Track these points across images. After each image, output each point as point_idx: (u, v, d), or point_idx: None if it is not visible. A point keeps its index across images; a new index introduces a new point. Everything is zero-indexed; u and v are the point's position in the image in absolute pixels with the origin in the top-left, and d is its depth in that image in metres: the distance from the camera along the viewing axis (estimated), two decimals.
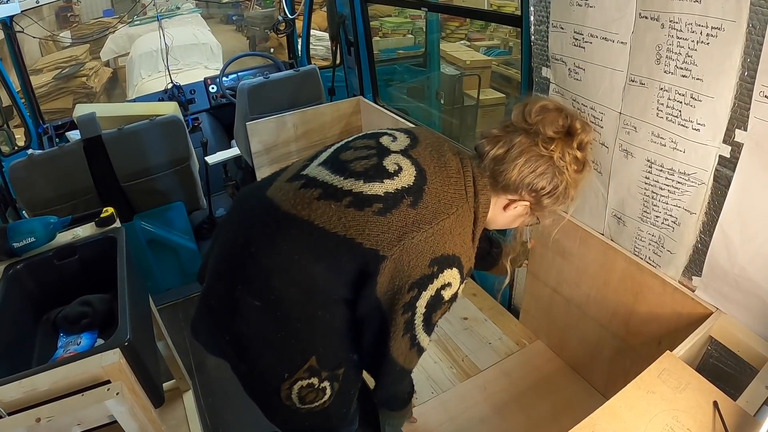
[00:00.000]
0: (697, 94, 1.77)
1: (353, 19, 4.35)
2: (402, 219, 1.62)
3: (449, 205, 1.69)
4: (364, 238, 1.61)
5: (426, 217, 1.64)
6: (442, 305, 1.72)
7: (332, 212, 1.65)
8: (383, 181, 1.67)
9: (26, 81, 4.94)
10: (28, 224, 2.69)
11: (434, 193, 1.69)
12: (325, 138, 4.29)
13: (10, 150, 4.60)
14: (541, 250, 2.77)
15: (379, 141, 1.82)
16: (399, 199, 1.64)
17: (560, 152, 1.74)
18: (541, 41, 2.41)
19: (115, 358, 1.94)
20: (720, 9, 1.62)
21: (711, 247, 1.93)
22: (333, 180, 1.71)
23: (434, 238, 1.63)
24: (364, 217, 1.62)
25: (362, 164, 1.72)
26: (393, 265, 1.61)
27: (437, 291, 1.66)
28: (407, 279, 1.62)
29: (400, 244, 1.60)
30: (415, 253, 1.61)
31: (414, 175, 1.69)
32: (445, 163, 1.77)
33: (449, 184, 1.73)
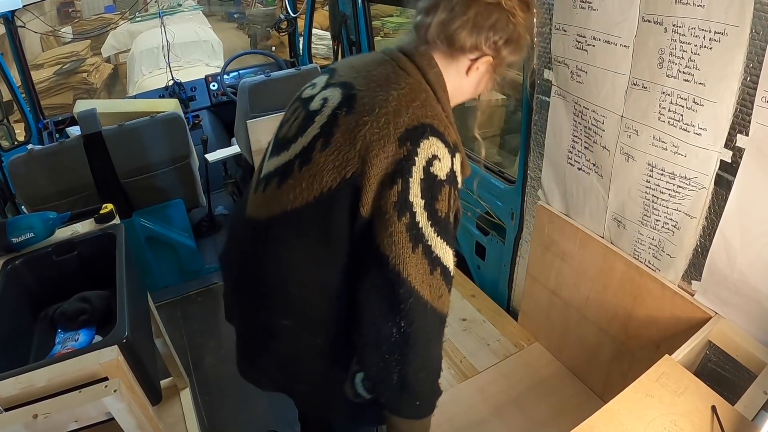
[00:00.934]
0: (699, 98, 1.78)
1: (355, 19, 4.35)
2: (345, 131, 1.47)
3: (387, 87, 1.51)
4: (325, 182, 1.48)
5: (367, 110, 1.47)
6: (441, 188, 1.46)
7: (294, 186, 1.54)
8: (314, 120, 1.56)
9: (27, 76, 4.93)
10: (27, 220, 2.69)
11: (367, 90, 1.53)
12: None
13: (9, 145, 4.59)
14: (540, 252, 2.77)
15: (302, 96, 1.72)
16: (334, 119, 1.51)
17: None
18: (543, 43, 2.41)
19: (113, 355, 1.94)
20: (723, 14, 1.63)
21: (711, 252, 1.93)
22: (281, 160, 1.62)
23: (387, 118, 1.45)
24: (314, 163, 1.50)
25: (295, 126, 1.63)
26: (366, 177, 1.43)
27: (425, 170, 1.43)
28: (384, 173, 1.42)
29: (357, 152, 1.44)
30: (377, 146, 1.42)
31: (340, 92, 1.57)
32: (370, 62, 1.64)
33: (380, 75, 1.56)
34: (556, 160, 2.56)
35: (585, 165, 2.38)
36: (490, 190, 3.23)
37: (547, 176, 2.65)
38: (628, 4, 1.93)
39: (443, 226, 1.49)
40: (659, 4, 1.82)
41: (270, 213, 1.62)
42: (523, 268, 3.00)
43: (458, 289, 3.38)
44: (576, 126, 2.36)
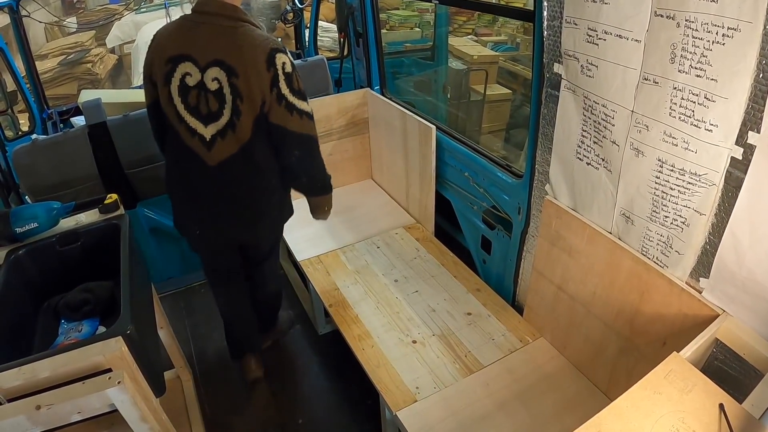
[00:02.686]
0: (711, 94, 1.77)
1: (362, 11, 4.33)
2: (244, 90, 2.51)
3: (236, 44, 2.50)
4: (248, 126, 2.60)
5: (241, 70, 2.48)
6: (293, 77, 2.55)
7: (234, 136, 2.63)
8: (224, 94, 2.55)
9: (31, 66, 4.91)
10: (30, 209, 2.68)
11: (230, 56, 2.49)
12: (332, 129, 4.30)
13: (14, 135, 4.59)
14: (547, 247, 2.76)
15: (189, 84, 2.58)
16: (235, 88, 2.52)
17: None
18: (553, 37, 2.40)
19: (117, 346, 1.94)
20: (737, 9, 1.61)
21: (719, 249, 1.92)
22: (218, 126, 2.62)
23: (255, 64, 2.47)
24: (240, 123, 2.59)
25: (212, 102, 2.58)
26: (264, 100, 2.53)
27: (283, 73, 2.51)
28: (269, 90, 2.50)
29: (258, 93, 2.51)
30: (262, 82, 2.49)
31: (219, 69, 2.51)
32: (207, 36, 2.54)
33: (222, 39, 2.52)
34: (564, 155, 2.55)
35: (594, 160, 2.37)
36: (497, 184, 3.23)
37: (555, 171, 2.64)
38: None
39: (300, 93, 2.59)
40: None
41: (221, 158, 2.67)
42: (529, 263, 3.00)
43: (463, 284, 3.38)
44: (585, 120, 2.35)
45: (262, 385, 3.58)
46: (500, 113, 6.54)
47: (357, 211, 4.26)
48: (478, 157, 3.39)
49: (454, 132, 3.75)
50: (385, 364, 2.87)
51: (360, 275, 3.54)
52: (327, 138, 4.32)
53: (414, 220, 4.09)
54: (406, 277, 3.50)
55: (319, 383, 3.63)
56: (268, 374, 3.64)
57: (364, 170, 4.68)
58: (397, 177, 4.22)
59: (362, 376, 2.89)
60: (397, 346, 2.98)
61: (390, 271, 3.57)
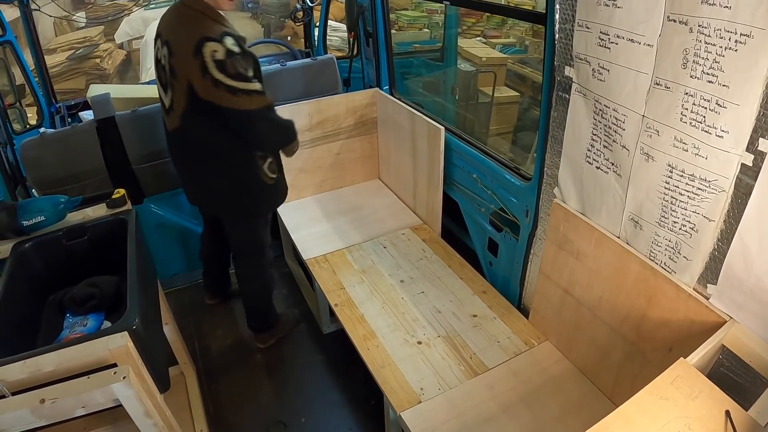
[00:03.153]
0: (723, 100, 1.76)
1: (373, 10, 4.33)
2: (177, 69, 2.83)
3: (179, 27, 2.85)
4: (183, 99, 2.87)
5: (175, 50, 2.82)
6: (224, 63, 2.67)
7: (177, 108, 2.95)
8: (167, 70, 2.91)
9: (40, 60, 4.93)
10: (38, 203, 2.70)
11: (172, 37, 2.86)
12: (340, 128, 4.30)
13: (21, 128, 4.60)
14: (554, 250, 2.76)
15: (158, 56, 2.99)
16: (171, 67, 2.85)
17: None
18: (565, 40, 2.39)
19: (123, 341, 1.94)
20: (750, 16, 1.61)
21: (728, 256, 1.92)
22: (170, 96, 2.97)
23: (184, 47, 2.74)
24: (176, 94, 2.91)
25: (164, 76, 2.95)
26: (194, 84, 2.76)
27: (212, 60, 2.66)
28: (200, 76, 2.70)
29: (185, 75, 2.79)
30: (190, 67, 2.72)
31: (165, 47, 2.89)
32: (170, 18, 2.95)
33: (175, 22, 2.90)
34: (574, 158, 2.54)
35: (603, 164, 2.37)
36: (505, 186, 3.22)
37: (564, 174, 2.64)
38: (653, 3, 1.91)
39: (237, 76, 2.72)
40: (685, 4, 1.80)
41: (172, 127, 3.06)
42: (536, 266, 2.99)
43: (469, 285, 3.38)
44: (596, 124, 2.35)
45: (266, 383, 3.59)
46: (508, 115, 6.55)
47: (364, 211, 4.26)
48: (487, 159, 3.39)
49: (462, 133, 3.75)
50: (390, 365, 2.87)
51: (366, 275, 3.55)
52: (335, 137, 4.33)
53: (421, 221, 4.08)
54: (412, 278, 3.49)
55: (323, 382, 3.63)
56: (272, 372, 3.65)
57: (371, 170, 4.67)
58: (405, 177, 4.22)
59: (366, 376, 2.89)
60: (402, 347, 2.98)
61: (396, 271, 3.57)
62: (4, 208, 2.64)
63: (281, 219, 4.21)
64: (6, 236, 2.63)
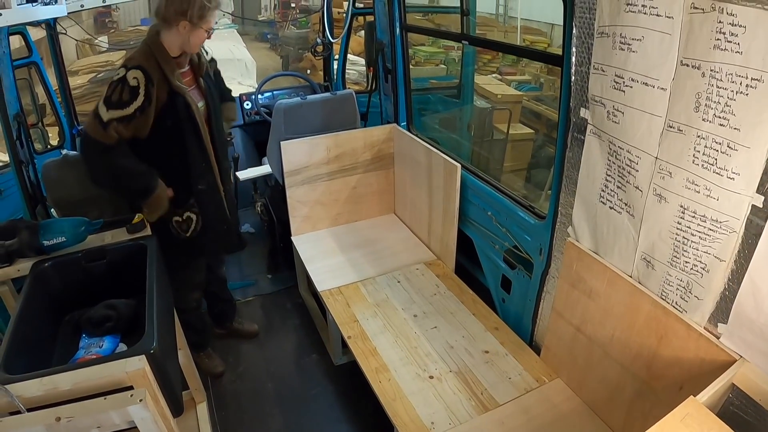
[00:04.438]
0: (734, 143, 1.80)
1: (392, 47, 4.40)
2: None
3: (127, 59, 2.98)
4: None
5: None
6: (113, 87, 2.83)
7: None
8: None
9: (64, 82, 5.03)
10: (59, 224, 2.77)
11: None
12: (357, 162, 4.36)
13: (42, 148, 4.68)
14: (567, 288, 2.78)
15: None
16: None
17: None
18: (581, 82, 2.45)
19: (140, 364, 1.98)
20: (761, 60, 1.66)
21: (738, 295, 1.94)
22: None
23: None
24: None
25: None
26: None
27: (110, 83, 2.86)
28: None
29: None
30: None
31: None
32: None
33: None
34: (588, 198, 2.58)
35: (617, 204, 2.40)
36: (520, 224, 3.26)
37: (578, 213, 2.67)
38: (667, 48, 1.96)
39: (106, 100, 2.83)
40: (698, 49, 1.85)
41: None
42: (549, 304, 3.01)
43: (482, 321, 3.39)
44: (610, 165, 2.39)
45: (276, 412, 3.61)
46: (522, 152, 6.59)
47: (379, 245, 4.29)
48: (502, 197, 3.43)
49: (478, 171, 3.79)
50: (402, 398, 2.88)
51: (379, 308, 3.57)
52: (352, 171, 4.39)
53: (435, 257, 4.11)
54: (425, 313, 3.51)
55: (334, 413, 3.63)
56: (283, 401, 3.68)
57: (387, 205, 4.71)
58: (420, 213, 4.26)
59: (377, 408, 2.91)
60: (414, 381, 2.99)
61: (409, 305, 3.59)
62: (26, 227, 2.70)
63: (296, 250, 4.25)
64: (26, 254, 2.69)
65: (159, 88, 2.91)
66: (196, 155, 3.15)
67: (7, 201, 4.07)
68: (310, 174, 4.24)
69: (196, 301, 3.69)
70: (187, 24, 2.91)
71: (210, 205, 3.32)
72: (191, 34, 2.96)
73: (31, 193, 3.80)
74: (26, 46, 4.52)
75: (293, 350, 4.16)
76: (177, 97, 2.98)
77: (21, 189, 3.73)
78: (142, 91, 2.83)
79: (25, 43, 4.51)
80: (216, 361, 3.91)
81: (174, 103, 2.98)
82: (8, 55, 3.74)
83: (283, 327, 4.39)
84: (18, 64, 4.25)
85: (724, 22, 1.74)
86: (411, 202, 4.40)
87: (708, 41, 1.81)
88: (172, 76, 2.95)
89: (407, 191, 4.43)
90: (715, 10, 1.76)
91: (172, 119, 3.00)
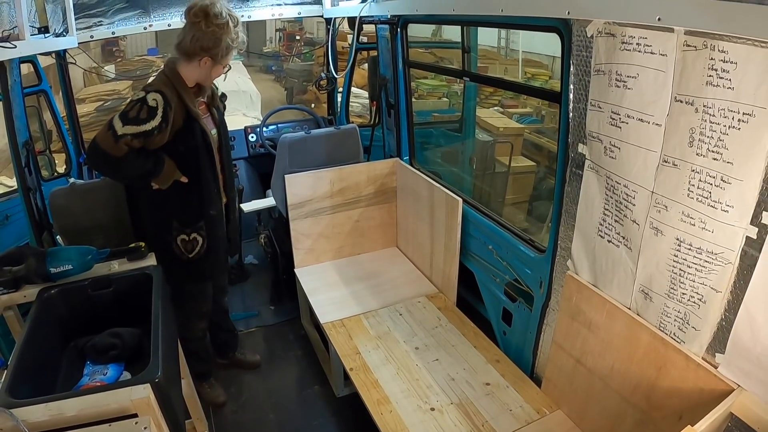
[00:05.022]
0: (727, 176, 1.85)
1: (395, 82, 4.47)
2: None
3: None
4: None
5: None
6: (130, 105, 2.93)
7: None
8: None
9: (73, 110, 5.11)
10: (66, 252, 2.81)
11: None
12: (360, 196, 4.41)
13: (49, 175, 4.72)
14: (567, 321, 2.81)
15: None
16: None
17: (203, 24, 2.96)
18: (578, 118, 2.51)
19: (146, 393, 2.01)
20: (752, 95, 1.72)
21: (735, 325, 1.97)
22: None
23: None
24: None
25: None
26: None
27: (130, 101, 2.98)
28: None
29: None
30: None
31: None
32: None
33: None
34: (586, 232, 2.63)
35: (615, 237, 2.44)
36: (520, 258, 3.30)
37: (577, 247, 2.72)
38: (661, 85, 2.02)
39: (121, 114, 2.91)
40: (691, 86, 1.91)
41: None
42: (549, 336, 3.04)
43: (483, 354, 3.41)
44: (608, 199, 2.43)
45: None
46: (524, 185, 6.62)
47: (381, 278, 4.32)
48: (503, 230, 3.48)
49: (479, 205, 3.84)
50: (403, 430, 2.89)
51: (381, 341, 3.58)
52: (355, 204, 4.44)
53: (437, 290, 4.13)
54: (426, 345, 3.53)
55: None
56: None
57: (390, 238, 4.75)
58: (422, 246, 4.29)
59: None
60: (416, 413, 3.00)
61: (411, 338, 3.61)
62: (33, 254, 2.74)
63: (299, 282, 4.28)
64: (33, 281, 2.72)
65: (176, 112, 3.02)
66: (209, 180, 3.23)
67: (13, 226, 4.13)
68: (314, 207, 4.29)
69: (202, 331, 3.73)
70: (209, 60, 3.05)
71: (218, 231, 3.39)
72: (212, 69, 3.11)
73: (38, 219, 3.84)
74: (36, 74, 4.59)
75: (295, 381, 4.16)
76: (194, 123, 3.10)
77: (28, 215, 3.78)
78: (160, 113, 2.94)
79: (35, 71, 4.59)
80: (218, 391, 3.91)
81: (191, 129, 3.11)
82: (19, 84, 3.80)
83: (286, 358, 4.39)
84: (28, 91, 4.33)
85: (716, 59, 1.80)
86: (413, 235, 4.44)
87: (701, 77, 1.87)
88: (190, 103, 3.08)
89: (409, 225, 4.47)
90: (707, 47, 1.82)
91: (187, 144, 3.11)
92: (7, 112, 3.64)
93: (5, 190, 6.14)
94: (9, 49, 2.99)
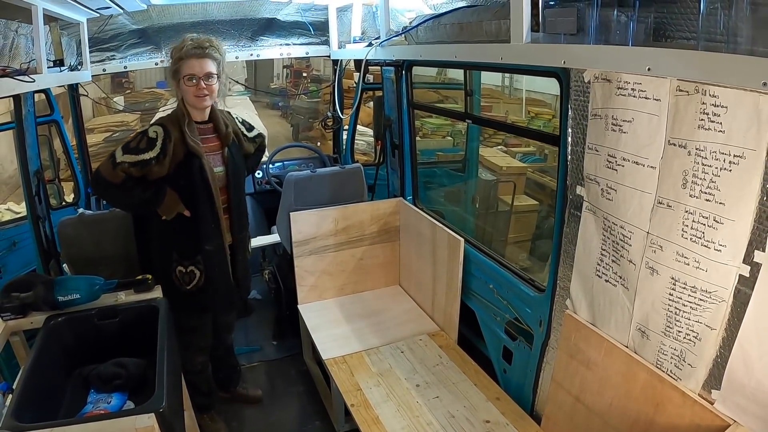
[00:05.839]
0: (720, 216, 1.91)
1: (399, 123, 4.55)
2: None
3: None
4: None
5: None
6: (132, 137, 3.20)
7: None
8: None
9: (83, 141, 5.21)
10: (74, 281, 2.87)
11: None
12: (364, 234, 4.47)
13: (57, 204, 4.77)
14: (566, 359, 2.84)
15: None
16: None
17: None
18: (576, 161, 2.58)
19: (150, 422, 2.04)
20: (742, 138, 1.79)
21: (729, 362, 2.01)
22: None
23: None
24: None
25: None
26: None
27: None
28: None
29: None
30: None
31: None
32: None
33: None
34: (585, 272, 2.68)
35: (612, 277, 2.50)
36: (521, 297, 3.34)
37: (575, 286, 2.77)
38: (655, 129, 2.09)
39: (124, 145, 3.15)
40: (684, 129, 1.98)
41: None
42: (549, 374, 3.06)
43: (483, 392, 3.42)
44: (605, 240, 2.49)
45: None
46: (527, 223, 6.62)
47: (383, 316, 4.34)
48: (504, 270, 3.52)
49: (481, 245, 3.89)
50: None
51: (383, 378, 3.59)
52: (359, 243, 4.49)
53: (438, 328, 4.15)
54: (427, 383, 3.54)
55: None
56: None
57: (392, 276, 4.78)
58: (424, 285, 4.32)
59: None
60: None
61: (412, 375, 3.61)
62: (41, 282, 2.79)
63: (302, 318, 4.31)
64: (41, 308, 2.77)
65: (176, 145, 3.18)
66: (206, 216, 3.31)
67: (21, 252, 4.18)
68: (318, 245, 4.34)
69: (201, 365, 3.75)
70: (173, 83, 3.31)
71: (215, 266, 3.43)
72: (180, 90, 3.27)
73: (46, 248, 3.89)
74: (48, 104, 4.67)
75: (296, 417, 4.18)
76: (193, 159, 3.23)
77: (36, 244, 3.82)
78: (159, 144, 3.14)
79: (47, 101, 4.66)
80: (219, 425, 3.91)
81: (190, 164, 3.23)
82: (32, 114, 3.88)
83: (287, 393, 4.41)
84: (40, 121, 4.39)
85: (707, 103, 1.87)
86: (416, 274, 4.47)
87: (693, 121, 1.94)
88: (191, 138, 3.22)
89: (412, 263, 4.51)
90: (698, 92, 1.89)
91: (186, 178, 3.24)
92: (20, 141, 3.72)
93: (13, 216, 6.23)
94: (27, 82, 3.06)
